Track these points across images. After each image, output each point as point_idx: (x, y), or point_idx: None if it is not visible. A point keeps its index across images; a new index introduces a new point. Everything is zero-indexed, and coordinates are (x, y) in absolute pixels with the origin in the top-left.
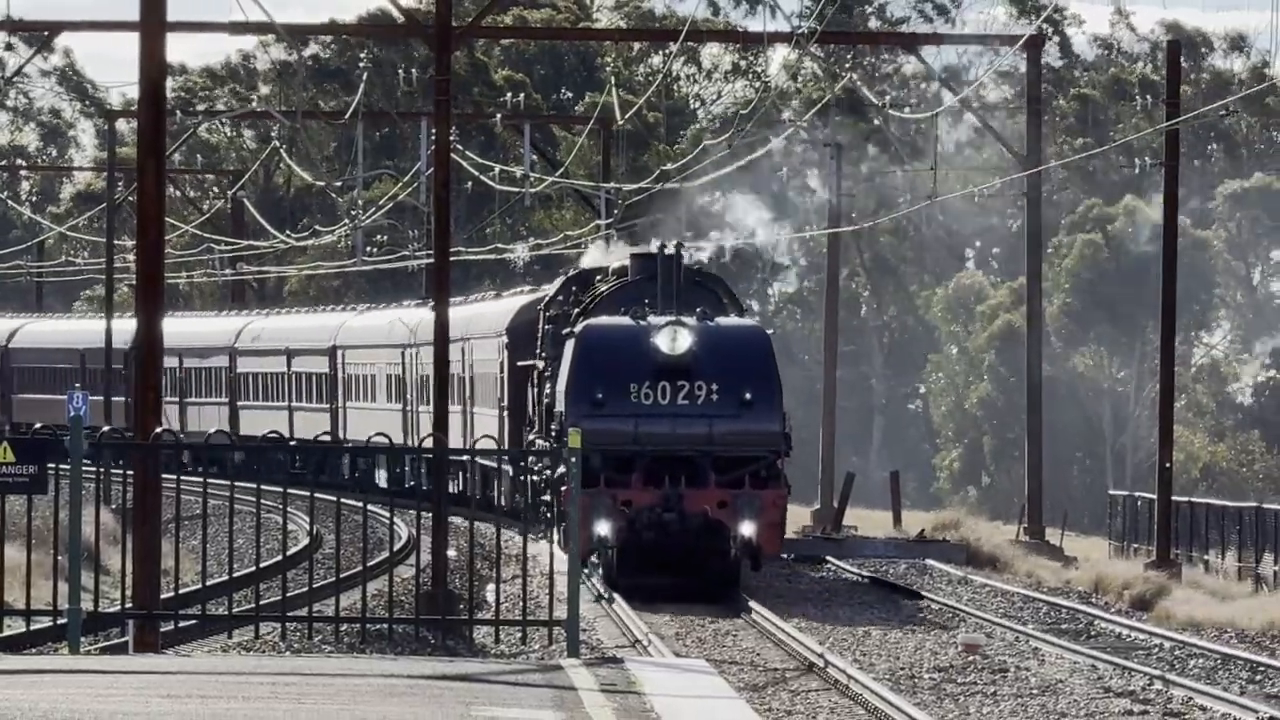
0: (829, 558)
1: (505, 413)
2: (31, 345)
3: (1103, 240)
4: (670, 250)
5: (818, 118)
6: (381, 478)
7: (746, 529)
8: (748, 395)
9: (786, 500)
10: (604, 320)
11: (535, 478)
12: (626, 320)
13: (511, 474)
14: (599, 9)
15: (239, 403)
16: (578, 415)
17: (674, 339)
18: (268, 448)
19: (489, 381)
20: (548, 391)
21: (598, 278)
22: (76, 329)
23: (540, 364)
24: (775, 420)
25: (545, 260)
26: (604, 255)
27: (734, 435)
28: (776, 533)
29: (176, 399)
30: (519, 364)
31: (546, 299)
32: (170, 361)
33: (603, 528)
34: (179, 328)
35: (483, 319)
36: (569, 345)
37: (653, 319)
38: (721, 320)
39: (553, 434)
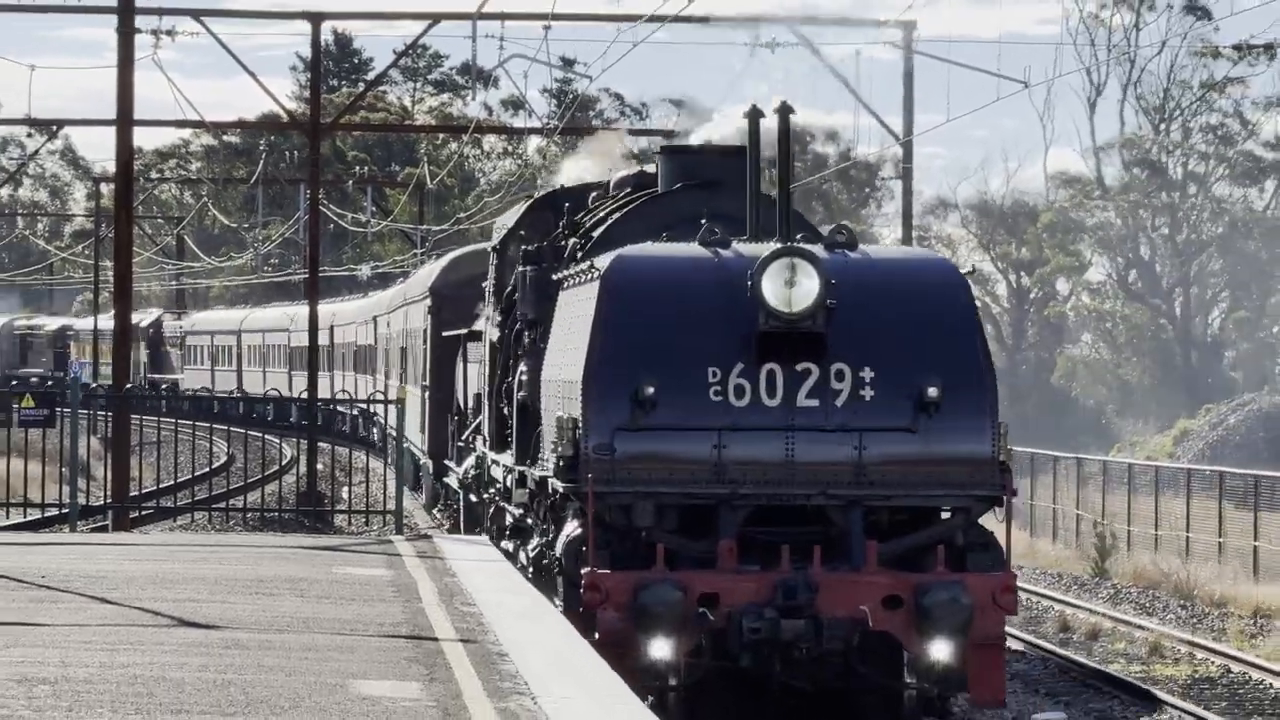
0: None
1: (426, 394)
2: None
3: None
4: (773, 116)
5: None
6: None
7: (940, 650)
8: (932, 390)
9: (1016, 591)
10: (649, 250)
11: (523, 537)
12: (695, 249)
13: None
14: (418, 112)
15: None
16: (605, 425)
17: (791, 282)
18: (204, 398)
19: (416, 354)
20: (523, 373)
21: (593, 194)
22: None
23: (495, 331)
24: (985, 435)
25: (381, 276)
26: (591, 172)
27: (909, 466)
28: (998, 658)
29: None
30: (445, 335)
31: (503, 234)
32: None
33: (661, 648)
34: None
35: (416, 283)
36: (576, 298)
37: (740, 246)
38: (872, 250)
39: (554, 459)
